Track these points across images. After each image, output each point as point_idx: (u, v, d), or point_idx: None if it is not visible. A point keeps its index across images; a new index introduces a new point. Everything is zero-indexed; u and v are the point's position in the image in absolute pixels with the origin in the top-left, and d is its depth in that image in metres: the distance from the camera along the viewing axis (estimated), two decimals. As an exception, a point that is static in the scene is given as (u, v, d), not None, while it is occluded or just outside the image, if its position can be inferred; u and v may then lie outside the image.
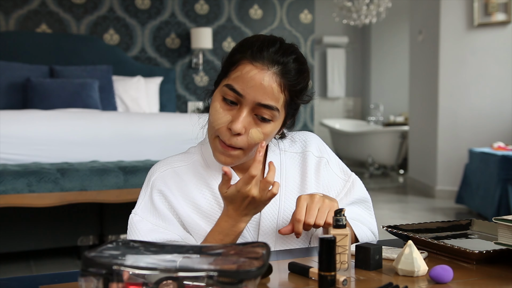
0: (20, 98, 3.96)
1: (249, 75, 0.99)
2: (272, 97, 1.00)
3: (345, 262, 0.89)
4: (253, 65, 1.00)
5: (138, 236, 1.05)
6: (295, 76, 1.02)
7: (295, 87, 1.03)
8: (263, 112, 1.01)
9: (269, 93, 1.00)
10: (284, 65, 1.01)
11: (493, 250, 0.93)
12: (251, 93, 0.99)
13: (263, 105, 1.00)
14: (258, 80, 0.99)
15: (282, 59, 1.01)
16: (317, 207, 0.99)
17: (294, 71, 1.02)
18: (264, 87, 0.99)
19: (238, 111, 1.01)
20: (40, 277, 0.88)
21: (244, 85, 0.99)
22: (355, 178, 1.21)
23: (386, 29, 8.37)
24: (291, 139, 1.19)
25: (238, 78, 1.00)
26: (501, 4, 4.96)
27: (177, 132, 3.09)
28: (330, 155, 1.20)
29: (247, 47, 1.02)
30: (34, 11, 4.47)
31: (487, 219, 3.55)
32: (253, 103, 1.00)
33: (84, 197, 2.72)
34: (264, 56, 1.00)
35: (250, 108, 1.01)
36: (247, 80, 0.99)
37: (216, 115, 1.03)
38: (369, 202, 1.22)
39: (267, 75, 0.99)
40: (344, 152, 7.45)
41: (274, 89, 1.00)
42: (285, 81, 1.01)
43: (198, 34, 4.81)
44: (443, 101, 5.27)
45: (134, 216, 1.08)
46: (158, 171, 1.11)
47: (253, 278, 0.68)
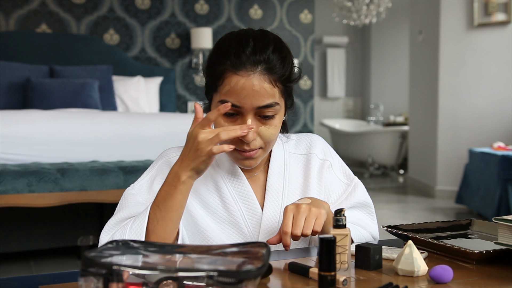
0: (20, 98, 3.96)
1: (238, 86, 0.99)
2: (268, 96, 1.01)
3: (345, 262, 0.89)
4: (237, 75, 0.99)
5: (125, 207, 1.07)
6: (280, 66, 1.02)
7: (284, 75, 1.03)
8: (265, 112, 1.02)
9: (264, 94, 1.00)
10: (266, 61, 1.00)
11: (493, 250, 0.93)
12: (248, 102, 1.00)
13: (263, 106, 1.01)
14: (249, 88, 0.99)
15: (262, 56, 1.00)
16: (303, 217, 0.97)
17: (277, 62, 1.02)
18: (257, 91, 0.99)
19: (242, 120, 1.02)
20: (40, 277, 0.88)
21: (238, 96, 1.00)
22: (358, 182, 1.21)
23: (386, 29, 8.37)
24: (296, 141, 1.20)
25: (229, 92, 1.00)
26: (501, 4, 4.96)
27: (177, 132, 3.09)
28: (334, 158, 1.21)
29: (224, 57, 1.01)
30: (34, 11, 4.47)
31: (487, 219, 3.55)
32: (253, 109, 1.01)
33: (84, 197, 2.72)
34: (243, 61, 1.00)
35: (252, 114, 1.02)
36: (239, 91, 0.99)
37: None
38: (371, 207, 1.21)
39: (255, 78, 0.99)
40: (344, 152, 7.45)
41: (266, 88, 1.00)
42: (273, 75, 1.01)
43: (198, 34, 4.81)
44: (443, 101, 5.27)
45: (130, 190, 1.11)
46: (166, 157, 1.13)
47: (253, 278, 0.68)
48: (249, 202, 1.11)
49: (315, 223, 0.98)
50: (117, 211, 1.08)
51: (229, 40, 1.04)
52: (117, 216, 1.06)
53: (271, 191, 1.13)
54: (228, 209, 1.10)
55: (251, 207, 1.11)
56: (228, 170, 1.12)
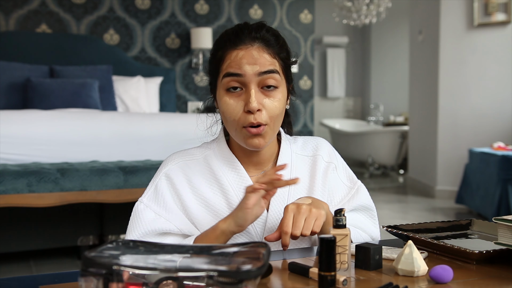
0: (20, 98, 3.96)
1: (238, 57, 1.05)
2: (268, 63, 1.05)
3: (345, 262, 0.89)
4: (237, 49, 1.06)
5: (139, 224, 1.08)
6: (276, 43, 1.08)
7: (281, 52, 1.09)
8: (267, 80, 1.06)
9: (264, 61, 1.05)
10: (263, 38, 1.07)
11: (493, 250, 0.93)
12: (249, 68, 1.04)
13: (264, 72, 1.05)
14: (249, 56, 1.05)
15: (258, 34, 1.07)
16: (303, 218, 0.99)
17: (273, 40, 1.08)
18: (257, 58, 1.05)
19: (246, 92, 1.05)
20: (40, 277, 0.88)
21: (239, 65, 1.04)
22: (361, 185, 1.22)
23: (386, 29, 8.37)
24: (303, 143, 1.22)
25: (231, 64, 1.05)
26: (501, 4, 4.96)
27: (177, 132, 3.09)
28: (339, 161, 1.22)
29: (224, 41, 1.08)
30: (34, 11, 4.47)
31: (487, 219, 3.55)
32: (255, 76, 1.04)
33: (84, 197, 2.72)
34: (242, 38, 1.06)
35: (255, 84, 1.05)
36: (240, 61, 1.05)
37: (230, 108, 1.06)
38: (373, 210, 1.22)
39: (254, 49, 1.05)
40: (344, 152, 7.45)
41: (266, 57, 1.06)
42: (271, 49, 1.07)
43: (198, 34, 4.81)
44: (443, 101, 5.27)
45: (140, 204, 1.11)
46: (170, 163, 1.14)
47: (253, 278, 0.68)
48: None
49: (314, 224, 0.99)
50: (132, 227, 1.09)
51: (227, 30, 1.11)
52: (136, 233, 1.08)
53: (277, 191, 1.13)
54: (232, 208, 1.10)
55: None
56: (232, 171, 1.13)
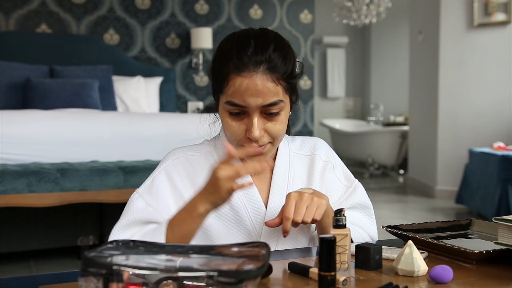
0: (20, 98, 3.96)
1: (242, 87, 1.02)
2: (272, 94, 1.03)
3: (345, 262, 0.89)
4: (241, 76, 1.02)
5: (129, 211, 1.09)
6: (282, 64, 1.04)
7: (286, 72, 1.05)
8: (270, 109, 1.04)
9: (267, 93, 1.02)
10: (268, 61, 1.02)
11: (493, 250, 0.93)
12: (252, 101, 1.02)
13: (267, 105, 1.03)
14: (253, 88, 1.01)
15: (263, 56, 1.02)
16: (305, 205, 1.00)
17: (278, 60, 1.04)
18: (260, 90, 1.02)
19: (249, 119, 1.05)
20: (40, 277, 0.88)
21: (242, 97, 1.02)
22: (358, 184, 1.23)
23: (386, 29, 8.37)
24: (301, 142, 1.23)
25: (234, 93, 1.03)
26: (501, 4, 4.96)
27: (177, 132, 3.09)
28: (337, 161, 1.23)
29: (227, 59, 1.04)
30: (34, 11, 4.47)
31: (487, 219, 3.55)
32: (258, 108, 1.03)
33: (84, 197, 2.72)
34: (245, 62, 1.02)
35: (258, 112, 1.04)
36: (243, 92, 1.02)
37: (231, 130, 1.06)
38: (370, 208, 1.23)
39: (258, 78, 1.02)
40: (344, 152, 7.45)
41: (270, 87, 1.02)
42: (275, 74, 1.03)
43: (198, 34, 4.81)
44: (443, 101, 5.27)
45: (135, 194, 1.12)
46: (171, 158, 1.14)
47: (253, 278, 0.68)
48: (253, 199, 1.12)
49: (315, 212, 1.00)
50: (123, 215, 1.10)
51: (231, 43, 1.06)
52: (124, 220, 1.08)
53: (276, 188, 1.14)
54: (232, 206, 1.11)
55: (255, 204, 1.12)
56: None
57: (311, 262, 0.95)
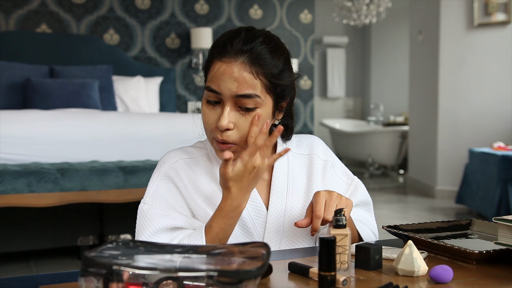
0: (20, 98, 3.96)
1: (219, 72, 1.01)
2: (247, 85, 1.00)
3: (345, 262, 0.89)
4: (221, 61, 1.02)
5: (149, 223, 1.05)
6: (268, 58, 1.02)
7: (271, 70, 1.02)
8: (244, 102, 1.01)
9: (242, 83, 1.00)
10: (251, 52, 1.01)
11: (493, 250, 0.93)
12: (226, 88, 1.00)
13: (241, 95, 1.00)
14: (228, 74, 1.00)
15: (247, 46, 1.01)
16: (335, 204, 1.01)
17: (264, 53, 1.02)
18: (236, 78, 1.00)
19: (222, 108, 1.03)
20: (40, 277, 0.88)
21: (218, 82, 1.01)
22: (358, 181, 1.24)
23: (386, 29, 8.37)
24: (297, 142, 1.21)
25: (213, 78, 1.03)
26: (501, 4, 4.96)
27: (177, 132, 3.09)
28: (334, 158, 1.23)
29: (214, 46, 1.05)
30: (34, 11, 4.47)
31: (487, 219, 3.55)
32: (231, 96, 1.01)
33: (84, 197, 2.72)
34: (228, 50, 1.01)
35: (232, 103, 1.02)
36: (219, 77, 1.01)
37: (204, 118, 1.06)
38: (370, 204, 1.25)
39: (236, 66, 1.00)
40: (344, 152, 7.45)
41: (246, 77, 1.00)
42: (256, 67, 1.01)
43: (198, 34, 4.81)
44: (443, 101, 5.27)
45: (144, 205, 1.08)
46: (168, 162, 1.12)
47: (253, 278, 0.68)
48: (254, 201, 1.11)
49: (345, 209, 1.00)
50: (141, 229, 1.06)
51: (225, 33, 1.07)
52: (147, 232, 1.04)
53: (276, 189, 1.14)
54: None
55: (256, 206, 1.11)
56: None
57: (311, 262, 0.95)
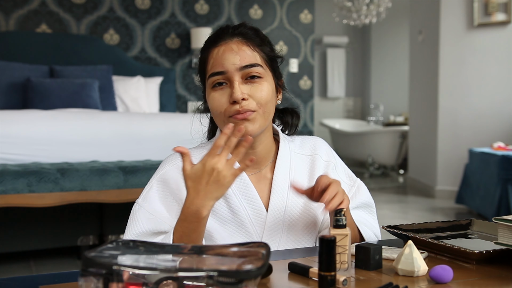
0: (20, 98, 3.96)
1: (219, 54, 1.08)
2: (248, 57, 1.08)
3: (345, 262, 0.89)
4: (217, 46, 1.09)
5: (134, 224, 1.08)
6: (256, 37, 1.11)
7: (262, 45, 1.11)
8: (249, 72, 1.07)
9: (244, 55, 1.07)
10: (242, 34, 1.10)
11: (493, 250, 0.93)
12: (230, 64, 1.06)
13: (245, 66, 1.07)
14: (228, 52, 1.07)
15: (237, 30, 1.10)
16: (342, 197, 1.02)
17: (252, 34, 1.11)
18: (236, 52, 1.07)
19: (230, 85, 1.07)
20: (40, 277, 0.88)
21: (221, 62, 1.07)
22: (360, 183, 1.24)
23: (386, 29, 8.37)
24: (301, 142, 1.22)
25: (214, 62, 1.08)
26: (501, 4, 4.96)
27: (177, 132, 3.09)
28: (337, 160, 1.24)
29: (207, 42, 1.13)
30: (34, 11, 4.47)
31: (487, 219, 3.55)
32: (237, 70, 1.06)
33: (84, 197, 2.72)
34: (221, 36, 1.10)
35: (239, 77, 1.07)
36: (220, 58, 1.07)
37: (215, 102, 1.08)
38: (373, 207, 1.25)
39: (233, 43, 1.08)
40: (344, 152, 7.45)
41: (245, 50, 1.08)
42: (251, 42, 1.10)
43: (198, 34, 4.81)
44: (443, 101, 5.27)
45: (135, 206, 1.12)
46: (168, 165, 1.14)
47: (253, 278, 0.68)
48: (253, 200, 1.11)
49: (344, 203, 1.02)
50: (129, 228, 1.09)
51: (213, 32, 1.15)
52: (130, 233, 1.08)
53: (276, 189, 1.14)
54: (233, 209, 1.11)
55: (255, 205, 1.11)
56: None
57: (311, 262, 0.95)
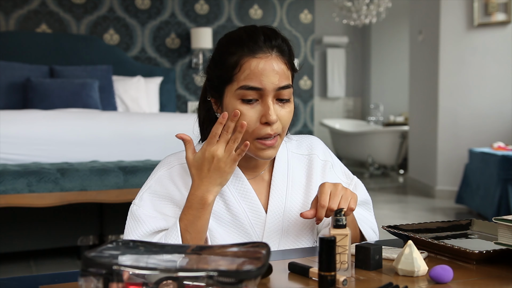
0: (20, 98, 3.96)
1: (259, 68, 1.03)
2: (286, 77, 1.06)
3: (345, 262, 0.88)
4: (256, 58, 1.03)
5: (137, 225, 1.06)
6: (289, 52, 1.09)
7: (292, 61, 1.10)
8: (283, 94, 1.05)
9: (282, 75, 1.05)
10: (279, 47, 1.06)
11: (493, 250, 0.93)
12: (269, 82, 1.03)
13: (281, 87, 1.05)
14: (269, 68, 1.03)
15: (275, 42, 1.06)
16: (340, 194, 1.01)
17: (287, 48, 1.08)
18: (277, 71, 1.04)
19: (263, 103, 1.04)
20: (40, 277, 0.88)
21: (260, 78, 1.03)
22: (357, 180, 1.25)
23: (386, 29, 8.37)
24: (297, 142, 1.22)
25: (250, 76, 1.03)
26: (501, 4, 4.96)
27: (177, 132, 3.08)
28: (334, 159, 1.24)
29: (238, 45, 1.05)
30: (34, 11, 4.47)
31: (487, 219, 3.55)
32: (274, 90, 1.04)
33: (84, 197, 2.72)
34: (261, 46, 1.04)
35: (272, 97, 1.05)
36: (260, 73, 1.03)
37: (245, 119, 1.03)
38: (370, 203, 1.26)
39: (273, 60, 1.04)
40: (344, 152, 7.45)
41: (284, 69, 1.05)
42: (286, 59, 1.07)
43: (198, 34, 4.81)
44: (443, 101, 5.27)
45: (133, 206, 1.10)
46: (165, 167, 1.12)
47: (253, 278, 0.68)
48: (252, 203, 1.11)
49: (350, 201, 1.01)
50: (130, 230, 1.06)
51: (239, 32, 1.08)
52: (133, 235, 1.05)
53: (275, 191, 1.14)
54: (232, 211, 1.10)
55: (254, 208, 1.11)
56: None
57: (311, 262, 0.95)
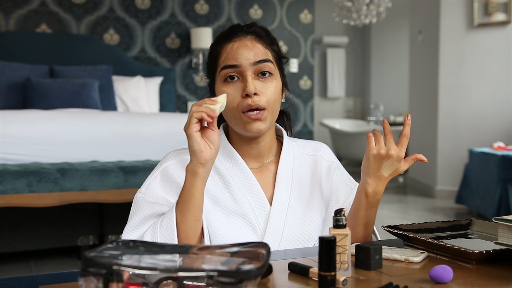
0: (20, 98, 3.96)
1: (234, 48, 1.12)
2: (261, 53, 1.12)
3: (345, 262, 0.88)
4: (232, 42, 1.13)
5: (140, 209, 1.10)
6: (268, 37, 1.16)
7: (273, 44, 1.17)
8: (261, 67, 1.11)
9: (257, 51, 1.12)
10: (255, 32, 1.14)
11: (493, 250, 0.93)
12: (244, 58, 1.10)
13: (258, 61, 1.11)
14: (243, 47, 1.11)
15: (251, 29, 1.15)
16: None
17: (264, 33, 1.16)
18: (250, 48, 1.12)
19: (243, 79, 1.11)
20: (40, 277, 0.88)
21: (235, 56, 1.11)
22: None
23: (386, 29, 8.37)
24: (303, 143, 1.26)
25: (228, 56, 1.12)
26: (501, 4, 4.96)
27: (177, 132, 3.08)
28: (339, 163, 1.28)
29: (219, 38, 1.17)
30: (34, 11, 4.47)
31: (487, 219, 3.55)
32: (250, 65, 1.10)
33: (84, 197, 2.72)
34: (236, 33, 1.14)
35: (251, 72, 1.10)
36: (235, 52, 1.11)
37: (228, 96, 1.10)
38: None
39: (248, 40, 1.13)
40: (344, 152, 7.45)
41: (259, 47, 1.13)
42: (263, 40, 1.14)
43: (198, 34, 4.81)
44: (443, 101, 5.27)
45: (138, 194, 1.14)
46: (172, 159, 1.16)
47: (253, 278, 0.68)
48: (256, 192, 1.14)
49: None
50: (132, 214, 1.11)
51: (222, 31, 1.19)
52: (135, 218, 1.10)
53: (280, 183, 1.16)
54: (236, 201, 1.13)
55: (258, 197, 1.13)
56: (233, 164, 1.15)
57: (311, 262, 0.95)
